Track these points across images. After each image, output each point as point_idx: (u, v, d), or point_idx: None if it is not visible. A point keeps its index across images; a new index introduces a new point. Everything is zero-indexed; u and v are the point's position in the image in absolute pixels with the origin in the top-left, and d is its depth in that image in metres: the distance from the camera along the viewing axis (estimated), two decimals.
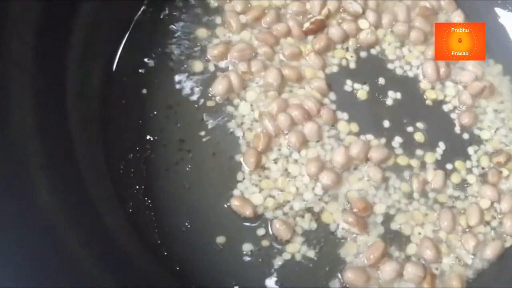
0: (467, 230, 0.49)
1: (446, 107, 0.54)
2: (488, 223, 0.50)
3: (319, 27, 0.53)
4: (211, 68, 0.51)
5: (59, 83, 0.45)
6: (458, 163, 0.52)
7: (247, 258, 0.46)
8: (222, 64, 0.51)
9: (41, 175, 0.40)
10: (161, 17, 0.52)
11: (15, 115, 0.40)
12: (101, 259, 0.41)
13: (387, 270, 0.46)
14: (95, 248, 0.41)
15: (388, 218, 0.49)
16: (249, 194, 0.47)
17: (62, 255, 0.38)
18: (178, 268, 0.45)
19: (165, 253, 0.46)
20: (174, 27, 0.52)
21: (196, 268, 0.46)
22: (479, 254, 0.48)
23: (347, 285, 0.46)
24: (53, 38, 0.44)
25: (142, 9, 0.52)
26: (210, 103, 0.50)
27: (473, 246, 0.48)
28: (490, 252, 0.48)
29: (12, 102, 0.40)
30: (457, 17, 0.57)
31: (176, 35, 0.52)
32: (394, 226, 0.48)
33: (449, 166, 0.51)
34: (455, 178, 0.51)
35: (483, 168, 0.52)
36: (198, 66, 0.51)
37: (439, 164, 0.51)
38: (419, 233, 0.48)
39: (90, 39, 0.47)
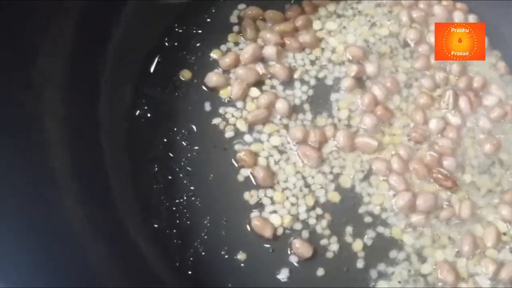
0: (485, 253, 0.48)
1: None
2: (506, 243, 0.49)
3: None
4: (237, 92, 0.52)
5: (92, 102, 0.48)
6: None
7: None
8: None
9: (70, 186, 0.42)
10: (190, 38, 0.54)
11: (49, 130, 0.43)
12: (123, 270, 0.42)
13: None
14: (118, 259, 0.43)
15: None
16: (267, 213, 0.48)
17: (84, 263, 0.40)
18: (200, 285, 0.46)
19: (189, 272, 0.46)
20: (201, 47, 0.54)
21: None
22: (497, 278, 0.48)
23: None
24: (87, 58, 0.47)
25: (171, 33, 0.54)
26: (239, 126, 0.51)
27: (492, 271, 0.47)
28: (505, 274, 0.47)
29: (45, 117, 0.43)
30: None
31: (201, 54, 0.54)
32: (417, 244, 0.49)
33: None
34: None
35: None
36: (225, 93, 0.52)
37: None
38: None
39: (122, 61, 0.50)
